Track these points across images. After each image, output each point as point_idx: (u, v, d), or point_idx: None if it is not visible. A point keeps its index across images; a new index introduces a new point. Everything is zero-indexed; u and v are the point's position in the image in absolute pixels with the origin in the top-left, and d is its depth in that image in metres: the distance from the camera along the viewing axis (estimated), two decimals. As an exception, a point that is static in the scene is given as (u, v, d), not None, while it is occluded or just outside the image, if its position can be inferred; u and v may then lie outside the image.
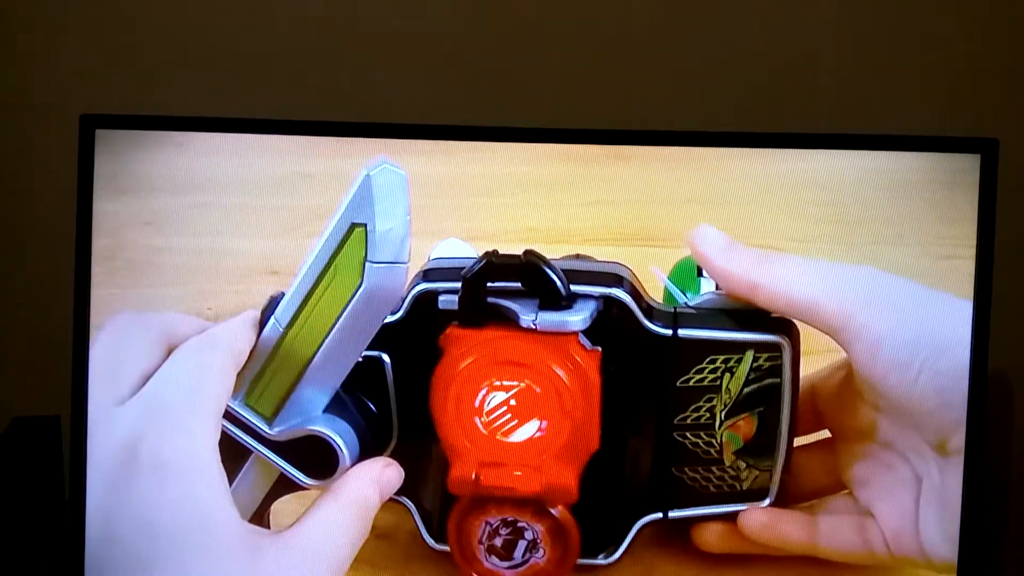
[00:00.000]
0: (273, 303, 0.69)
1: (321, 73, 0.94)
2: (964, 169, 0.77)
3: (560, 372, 0.69)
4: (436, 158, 0.81)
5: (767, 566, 0.77)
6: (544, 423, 0.70)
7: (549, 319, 0.69)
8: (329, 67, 0.94)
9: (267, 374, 0.68)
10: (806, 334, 0.73)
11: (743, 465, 0.74)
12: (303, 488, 0.70)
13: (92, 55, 0.96)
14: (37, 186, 0.96)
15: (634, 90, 0.92)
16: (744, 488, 0.74)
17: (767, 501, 0.74)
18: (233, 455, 0.70)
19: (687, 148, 0.79)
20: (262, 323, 0.69)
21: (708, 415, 0.73)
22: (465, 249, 0.80)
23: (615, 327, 0.72)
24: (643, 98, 0.92)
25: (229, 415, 0.69)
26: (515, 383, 0.69)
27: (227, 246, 0.82)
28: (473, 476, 0.70)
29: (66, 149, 0.83)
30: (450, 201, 0.81)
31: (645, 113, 0.91)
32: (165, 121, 0.83)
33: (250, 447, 0.70)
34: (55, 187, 0.91)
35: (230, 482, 0.70)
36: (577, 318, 0.69)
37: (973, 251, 0.76)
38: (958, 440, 0.71)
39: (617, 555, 0.76)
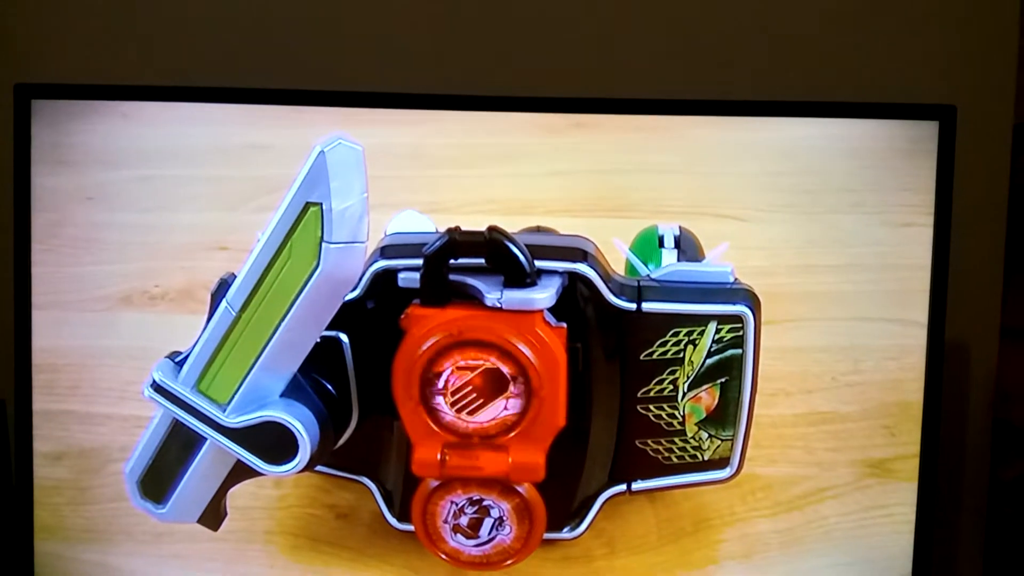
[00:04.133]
0: (224, 286, 0.63)
1: (272, 38, 0.87)
2: (923, 136, 0.74)
3: (526, 350, 0.65)
4: (393, 128, 0.75)
5: (725, 536, 0.75)
6: (510, 402, 0.65)
7: (515, 297, 0.64)
8: (281, 32, 0.87)
9: (220, 360, 0.63)
10: (767, 304, 0.70)
11: (705, 436, 0.71)
12: (261, 475, 0.65)
13: (26, 20, 0.87)
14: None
15: (596, 58, 0.87)
16: (706, 458, 0.71)
17: (728, 471, 0.72)
18: (186, 443, 0.65)
19: (649, 117, 0.75)
20: (212, 306, 0.63)
21: (671, 387, 0.70)
22: (422, 222, 0.75)
23: (580, 302, 0.68)
24: (605, 66, 0.87)
25: (181, 402, 0.64)
26: (480, 362, 0.65)
27: (174, 221, 0.76)
28: (439, 457, 0.65)
29: (1, 120, 0.76)
30: (408, 172, 0.76)
31: (607, 81, 0.86)
32: (106, 90, 0.76)
33: (204, 435, 0.64)
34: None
35: (183, 470, 0.66)
36: (543, 295, 0.65)
37: (932, 218, 0.74)
38: None
39: (582, 528, 0.73)
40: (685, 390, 0.70)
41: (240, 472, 0.66)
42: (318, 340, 0.64)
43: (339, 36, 0.87)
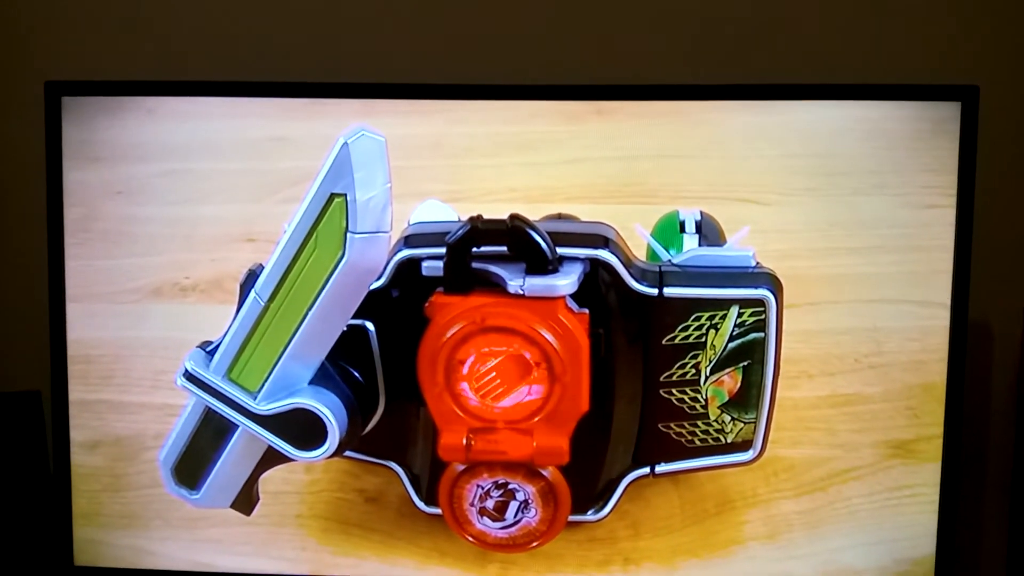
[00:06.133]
0: (252, 276, 0.64)
1: (294, 32, 0.88)
2: (946, 117, 0.73)
3: (549, 336, 0.65)
4: (415, 119, 0.76)
5: (748, 517, 0.75)
6: (534, 387, 0.66)
7: (537, 284, 0.65)
8: (302, 26, 0.88)
9: (250, 348, 0.64)
10: (789, 287, 0.70)
11: (728, 418, 0.71)
12: (291, 461, 0.66)
13: (56, 19, 0.89)
14: (3, 158, 0.89)
15: (615, 44, 0.87)
16: (729, 441, 0.72)
17: (751, 453, 0.72)
18: (218, 430, 0.67)
19: (668, 103, 0.75)
20: (241, 297, 0.65)
21: (693, 371, 0.70)
22: (445, 211, 0.76)
23: (602, 288, 0.69)
24: (624, 53, 0.86)
25: (213, 391, 0.65)
26: (504, 349, 0.66)
27: (202, 214, 0.77)
28: (464, 442, 0.66)
29: (32, 118, 0.77)
30: (430, 162, 0.76)
31: (626, 68, 0.86)
32: (133, 86, 0.77)
33: (236, 422, 0.65)
34: (23, 158, 0.85)
35: (216, 457, 0.68)
36: (565, 282, 0.65)
37: (955, 199, 0.73)
38: None
39: (606, 511, 0.74)
40: (708, 374, 0.70)
41: (271, 458, 0.67)
42: (345, 328, 0.65)
43: (359, 29, 0.87)
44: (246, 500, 0.69)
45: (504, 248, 0.66)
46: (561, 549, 0.75)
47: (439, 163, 0.76)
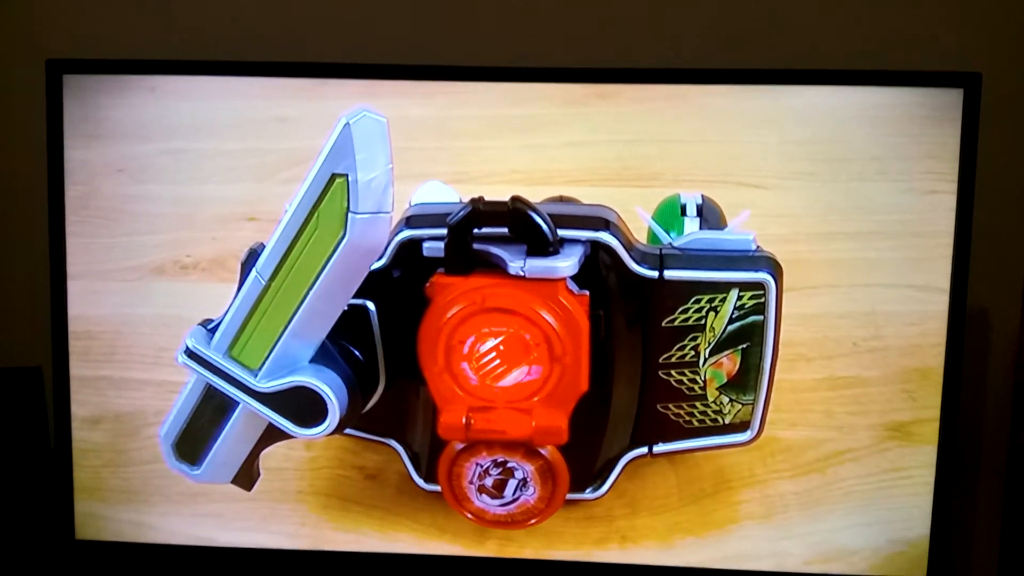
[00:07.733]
0: (254, 255, 0.64)
1: (297, 12, 0.87)
2: (948, 104, 0.73)
3: (549, 318, 0.66)
4: (417, 100, 0.76)
5: (745, 497, 0.76)
6: (534, 368, 0.67)
7: (537, 266, 0.65)
8: (306, 6, 0.87)
9: (251, 327, 0.64)
10: (789, 271, 0.70)
11: (726, 400, 0.72)
12: (292, 437, 0.67)
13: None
14: (4, 135, 0.89)
15: (618, 28, 0.86)
16: (727, 422, 0.72)
17: (749, 434, 0.72)
18: (218, 407, 0.67)
19: (670, 86, 0.75)
20: (243, 275, 0.65)
21: (692, 353, 0.70)
22: (447, 192, 0.76)
23: (602, 270, 0.69)
24: (626, 36, 0.86)
25: (214, 368, 0.65)
26: (504, 329, 0.66)
27: (203, 193, 0.77)
28: (464, 421, 0.67)
29: (33, 95, 0.77)
30: (432, 144, 0.76)
31: (628, 51, 0.85)
32: (135, 65, 0.77)
33: (236, 399, 0.66)
34: (24, 135, 0.84)
35: (217, 433, 0.68)
36: (565, 264, 0.66)
37: (955, 185, 0.73)
38: None
39: (604, 489, 0.74)
40: (707, 356, 0.70)
41: (272, 435, 0.68)
42: (346, 308, 0.66)
43: (362, 9, 0.87)
44: (247, 476, 0.70)
45: (505, 230, 0.66)
46: (559, 526, 0.76)
47: (441, 144, 0.76)
